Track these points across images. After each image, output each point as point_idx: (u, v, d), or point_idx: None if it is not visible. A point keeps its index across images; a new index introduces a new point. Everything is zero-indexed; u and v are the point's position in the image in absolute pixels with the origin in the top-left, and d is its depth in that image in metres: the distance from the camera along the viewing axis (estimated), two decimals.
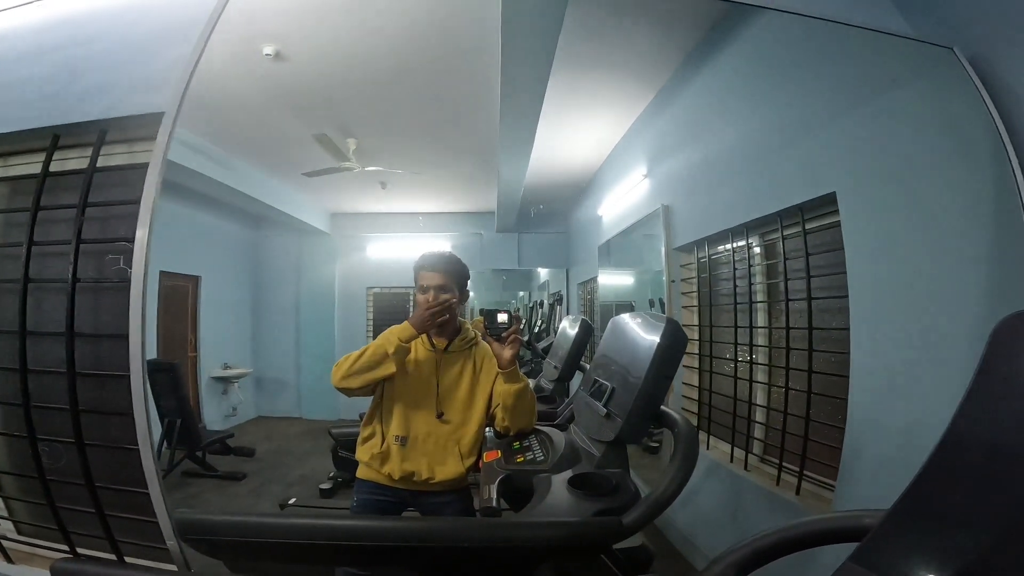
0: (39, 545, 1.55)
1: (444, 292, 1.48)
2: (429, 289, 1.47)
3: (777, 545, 0.60)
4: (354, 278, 4.35)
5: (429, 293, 1.47)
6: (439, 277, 1.48)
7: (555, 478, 1.23)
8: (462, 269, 1.53)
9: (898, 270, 1.46)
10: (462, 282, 1.53)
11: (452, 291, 1.49)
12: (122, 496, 1.34)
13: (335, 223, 4.43)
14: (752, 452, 1.97)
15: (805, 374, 1.72)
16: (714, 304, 2.31)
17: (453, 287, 1.50)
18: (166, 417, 2.66)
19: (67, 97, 1.62)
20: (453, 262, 1.52)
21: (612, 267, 3.57)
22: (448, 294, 1.48)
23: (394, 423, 1.46)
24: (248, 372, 3.80)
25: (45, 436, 1.45)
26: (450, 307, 1.47)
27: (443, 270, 1.48)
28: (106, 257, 1.49)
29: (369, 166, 3.55)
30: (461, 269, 1.53)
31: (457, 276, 1.51)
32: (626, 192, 3.13)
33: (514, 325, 1.45)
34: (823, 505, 1.58)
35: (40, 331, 1.48)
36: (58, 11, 1.77)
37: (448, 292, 1.48)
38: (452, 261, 1.52)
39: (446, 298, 1.47)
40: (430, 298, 1.46)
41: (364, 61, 2.51)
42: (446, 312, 1.46)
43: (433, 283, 1.47)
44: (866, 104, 1.56)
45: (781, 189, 1.83)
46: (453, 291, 1.49)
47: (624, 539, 1.01)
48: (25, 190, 1.59)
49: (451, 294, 1.48)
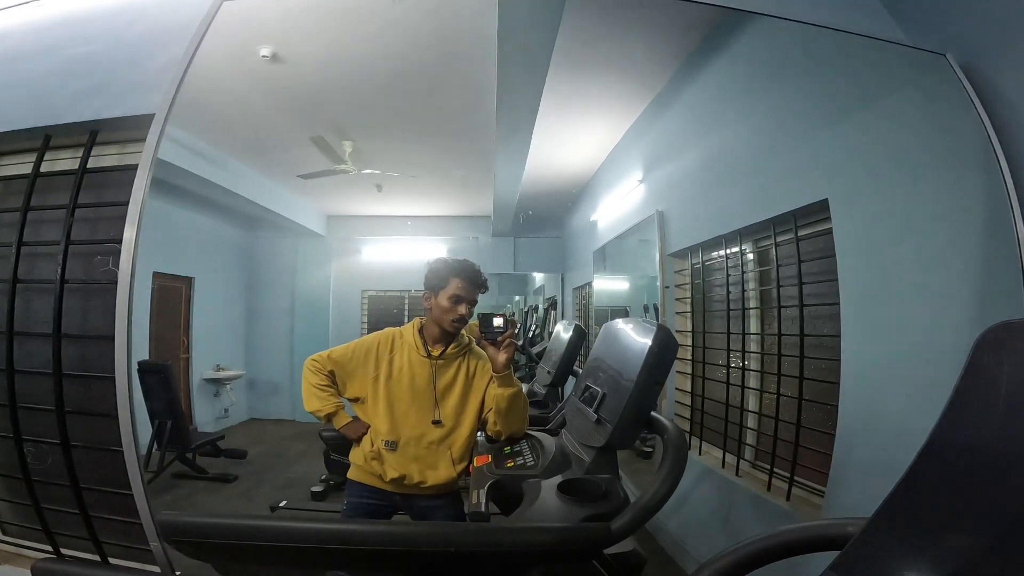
0: (22, 545, 1.54)
1: (472, 307, 1.50)
2: (463, 301, 1.49)
3: (759, 553, 0.60)
4: (349, 281, 4.34)
5: (463, 305, 1.49)
6: (475, 291, 1.51)
7: (545, 483, 1.23)
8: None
9: (889, 277, 1.47)
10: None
11: (474, 306, 1.52)
12: (108, 498, 1.33)
13: (330, 225, 4.41)
14: (744, 458, 1.97)
15: (796, 380, 1.72)
16: (708, 310, 2.32)
17: (476, 301, 1.53)
18: (156, 418, 2.64)
19: (60, 98, 1.62)
20: (484, 276, 1.54)
21: (607, 272, 3.57)
22: (468, 310, 1.50)
23: (384, 427, 1.46)
24: (241, 374, 3.77)
25: (31, 437, 1.44)
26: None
27: (480, 284, 1.52)
28: (95, 258, 1.48)
29: (365, 169, 3.55)
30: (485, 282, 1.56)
31: (484, 289, 1.55)
32: (621, 197, 3.13)
33: (509, 330, 1.45)
34: (814, 511, 1.58)
35: (28, 332, 1.47)
36: (55, 11, 1.77)
37: (473, 307, 1.51)
38: (483, 275, 1.54)
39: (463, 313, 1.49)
40: (463, 310, 1.48)
41: (361, 64, 2.51)
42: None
43: (470, 296, 1.50)
44: (859, 111, 1.57)
45: (774, 195, 1.84)
46: (474, 306, 1.52)
47: (612, 544, 1.01)
48: (16, 190, 1.58)
49: (470, 311, 1.51)
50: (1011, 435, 0.44)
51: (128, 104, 1.50)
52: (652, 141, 2.84)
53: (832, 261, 1.56)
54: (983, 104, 1.39)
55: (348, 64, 2.51)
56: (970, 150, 1.39)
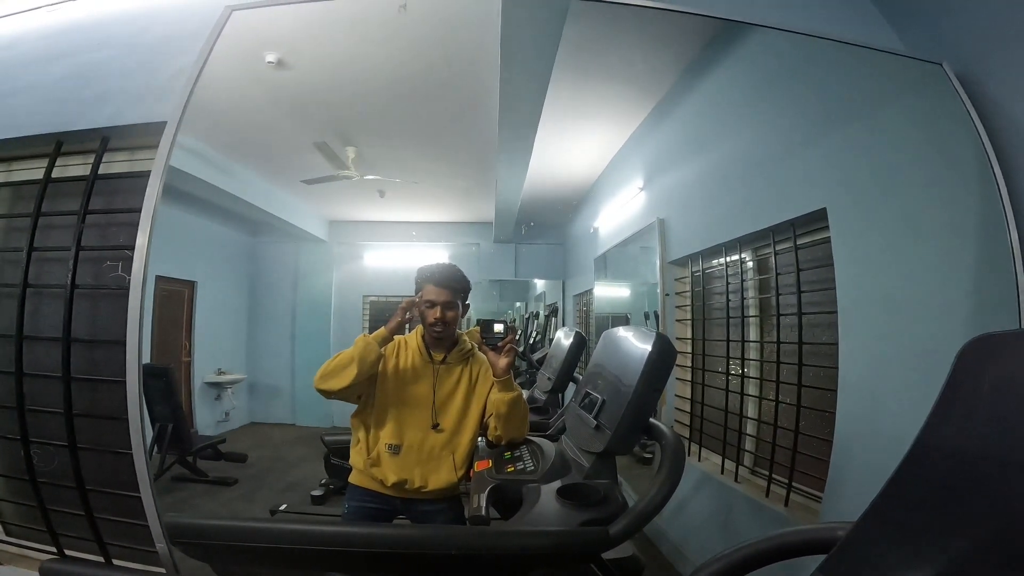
0: (27, 547, 1.55)
1: (450, 308, 1.50)
2: (436, 305, 1.49)
3: (752, 557, 0.61)
4: (351, 286, 4.34)
5: (436, 309, 1.49)
6: (447, 293, 1.50)
7: (544, 488, 1.24)
8: (466, 284, 1.56)
9: (886, 285, 1.48)
10: (465, 296, 1.56)
11: (457, 307, 1.52)
12: (111, 499, 1.35)
13: (333, 231, 4.42)
14: (743, 464, 1.97)
15: (795, 388, 1.73)
16: (707, 318, 2.33)
17: (458, 302, 1.52)
18: (158, 421, 2.65)
19: (72, 104, 1.64)
20: (459, 278, 1.54)
21: (608, 279, 3.58)
22: (453, 311, 1.50)
23: (386, 431, 1.47)
24: (242, 378, 3.78)
25: (38, 439, 1.45)
26: (452, 323, 1.51)
27: (450, 286, 1.51)
28: (105, 264, 1.50)
29: (368, 175, 3.57)
30: (466, 284, 1.56)
31: (462, 291, 1.54)
32: (622, 205, 3.15)
33: (509, 335, 1.47)
34: (811, 516, 1.59)
35: (37, 336, 1.49)
36: (68, 17, 1.79)
37: (454, 308, 1.51)
38: (458, 277, 1.54)
39: (453, 316, 1.50)
40: (437, 314, 1.49)
41: (365, 70, 2.53)
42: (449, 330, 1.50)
43: (441, 299, 1.50)
44: (857, 120, 1.58)
45: (773, 204, 1.86)
46: (458, 306, 1.52)
47: (610, 549, 1.02)
48: (28, 195, 1.60)
49: (455, 311, 1.51)
50: (992, 442, 0.45)
51: (140, 111, 1.53)
52: (653, 149, 2.86)
53: (830, 270, 1.57)
54: (979, 113, 1.41)
55: (353, 71, 2.54)
56: (966, 159, 1.41)
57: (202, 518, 1.14)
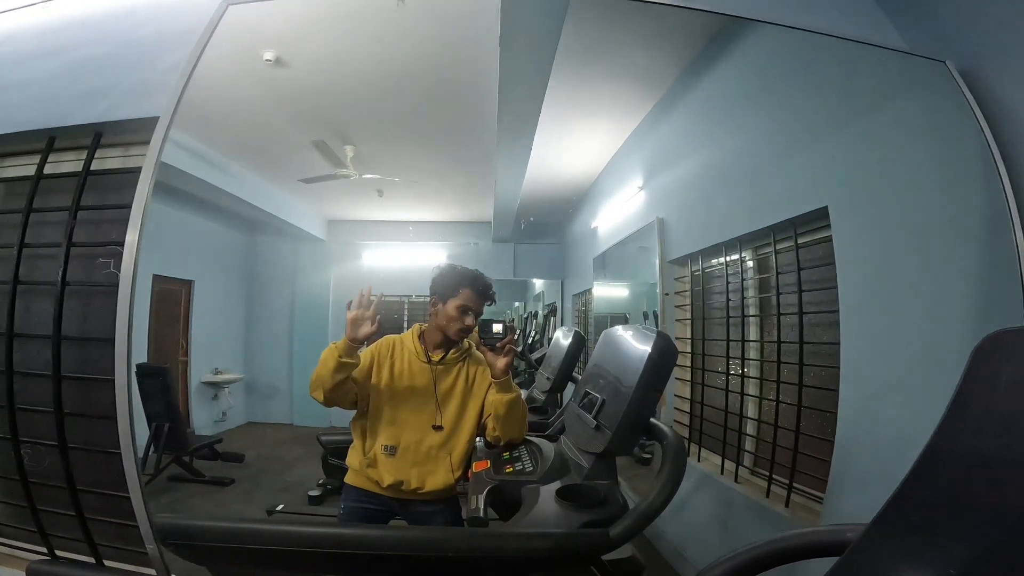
0: (16, 547, 1.53)
1: (478, 318, 1.50)
2: (471, 311, 1.49)
3: (758, 559, 0.60)
4: (349, 285, 4.32)
5: (470, 316, 1.49)
6: (484, 305, 1.51)
7: (543, 489, 1.23)
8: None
9: (888, 285, 1.47)
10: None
11: (479, 317, 1.52)
12: (103, 500, 1.33)
13: (331, 230, 4.41)
14: (743, 464, 1.96)
15: (796, 387, 1.72)
16: (707, 317, 2.32)
17: (483, 313, 1.53)
18: (154, 421, 2.63)
19: (65, 100, 1.63)
20: (493, 288, 1.54)
21: (607, 279, 3.57)
22: (475, 320, 1.50)
23: (383, 432, 1.46)
24: (239, 378, 3.77)
25: (28, 439, 1.43)
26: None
27: (488, 296, 1.52)
28: (96, 260, 1.49)
29: (366, 173, 3.56)
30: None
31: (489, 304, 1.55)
32: (621, 204, 3.14)
33: (508, 335, 1.46)
34: (812, 517, 1.57)
35: (27, 333, 1.47)
36: (61, 14, 1.78)
37: (479, 318, 1.51)
38: (493, 287, 1.54)
39: (470, 324, 1.49)
40: (471, 320, 1.49)
41: (363, 68, 2.52)
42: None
43: (479, 307, 1.50)
44: (859, 118, 1.57)
45: (774, 203, 1.84)
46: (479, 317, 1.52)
47: (611, 551, 1.01)
48: (20, 192, 1.58)
49: (476, 321, 1.50)
50: (1009, 442, 0.44)
51: (133, 107, 1.51)
52: (652, 148, 2.85)
53: (831, 269, 1.56)
54: (983, 111, 1.39)
55: (350, 68, 2.53)
56: (970, 157, 1.39)
57: (194, 519, 1.12)
